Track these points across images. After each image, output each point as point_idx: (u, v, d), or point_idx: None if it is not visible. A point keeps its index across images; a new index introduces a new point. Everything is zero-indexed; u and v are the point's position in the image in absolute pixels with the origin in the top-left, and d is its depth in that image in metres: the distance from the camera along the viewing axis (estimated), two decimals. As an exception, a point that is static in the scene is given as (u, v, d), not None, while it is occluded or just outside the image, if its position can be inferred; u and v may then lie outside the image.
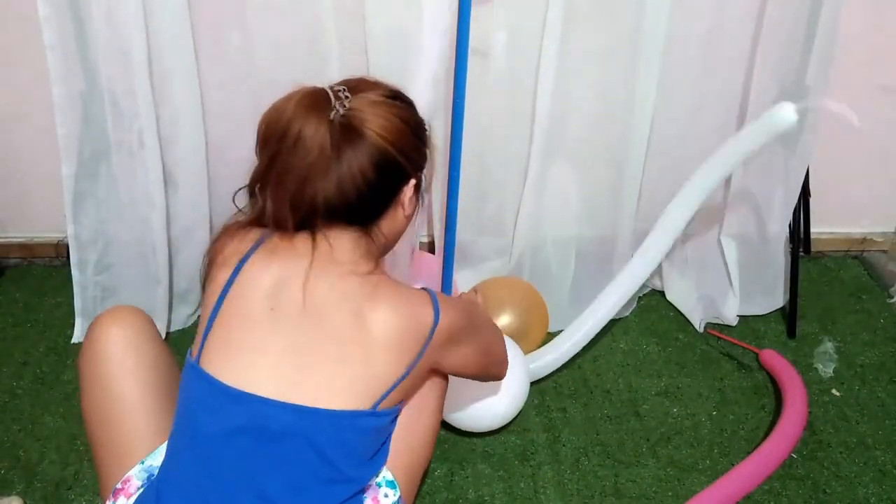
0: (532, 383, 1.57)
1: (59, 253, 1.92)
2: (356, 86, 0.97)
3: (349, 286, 0.95)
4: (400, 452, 1.06)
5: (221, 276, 0.97)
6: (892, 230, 2.06)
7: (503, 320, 1.60)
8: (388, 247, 1.06)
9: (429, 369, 1.03)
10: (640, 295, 1.89)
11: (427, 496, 1.39)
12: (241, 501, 0.91)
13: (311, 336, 0.93)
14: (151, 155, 1.53)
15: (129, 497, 0.98)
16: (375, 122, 0.93)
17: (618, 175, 1.71)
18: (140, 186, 1.58)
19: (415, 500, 1.24)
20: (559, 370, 1.66)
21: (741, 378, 1.67)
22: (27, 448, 1.46)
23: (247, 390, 0.91)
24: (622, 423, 1.55)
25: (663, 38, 1.52)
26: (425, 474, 1.38)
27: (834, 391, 1.64)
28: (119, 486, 0.99)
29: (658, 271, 1.88)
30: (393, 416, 1.00)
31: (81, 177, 1.57)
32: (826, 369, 1.70)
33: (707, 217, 1.82)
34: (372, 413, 0.95)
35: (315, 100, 0.93)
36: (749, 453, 1.45)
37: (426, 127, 1.04)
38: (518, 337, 1.56)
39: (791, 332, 1.78)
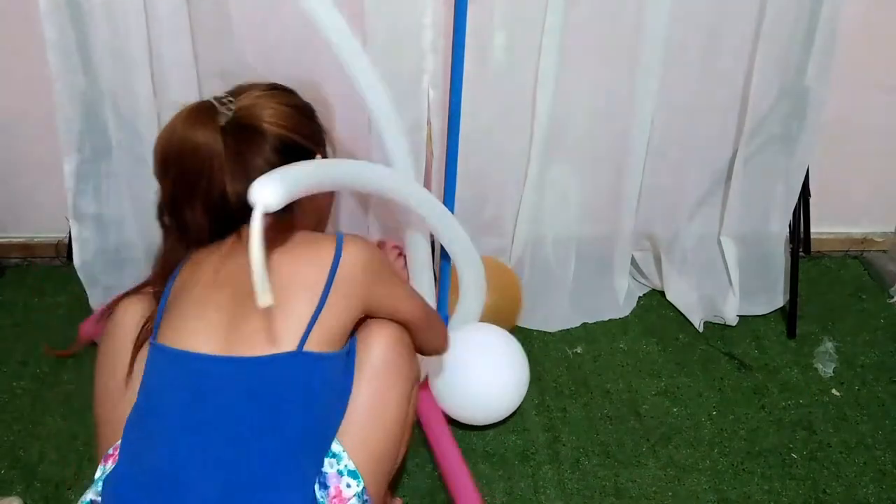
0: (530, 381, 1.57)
1: (59, 253, 1.92)
2: (237, 90, 1.05)
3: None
4: (362, 442, 1.05)
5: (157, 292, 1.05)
6: (892, 230, 2.06)
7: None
8: (319, 219, 1.12)
9: (353, 309, 1.04)
10: (640, 295, 1.89)
11: (427, 496, 1.39)
12: (188, 457, 0.94)
13: (233, 299, 0.98)
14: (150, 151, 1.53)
15: (115, 462, 1.01)
16: (266, 114, 1.00)
17: (618, 175, 1.71)
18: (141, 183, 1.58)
19: (388, 497, 1.23)
20: (559, 369, 1.66)
21: (741, 378, 1.67)
22: (27, 448, 1.46)
23: (184, 349, 0.97)
24: (622, 423, 1.55)
25: (663, 38, 1.52)
26: (401, 471, 1.38)
27: (834, 391, 1.64)
28: (110, 451, 1.02)
29: (658, 271, 1.89)
30: (325, 361, 1.00)
31: (84, 175, 1.57)
32: (826, 369, 1.70)
33: (707, 217, 1.82)
34: (298, 353, 0.97)
35: (199, 112, 0.98)
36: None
37: (312, 107, 1.11)
38: (492, 316, 1.56)
39: (791, 332, 1.78)
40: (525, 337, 1.73)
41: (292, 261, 1.01)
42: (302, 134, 1.04)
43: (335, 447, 1.03)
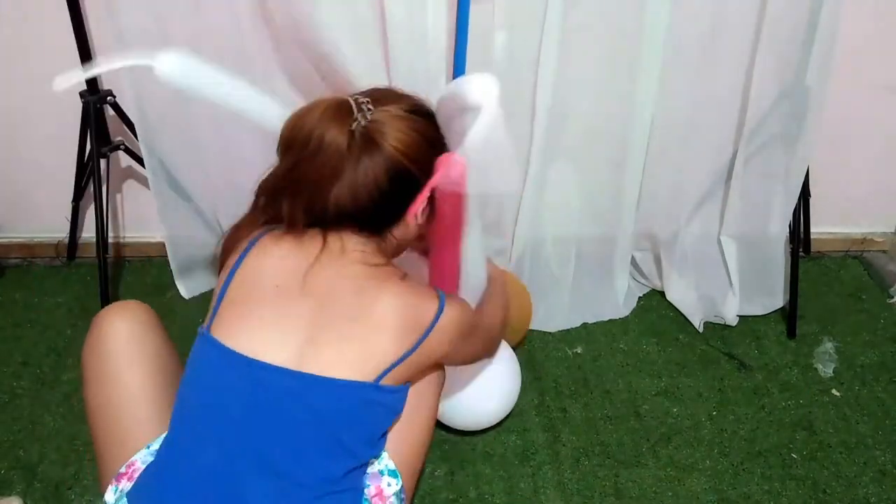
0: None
1: (59, 253, 1.92)
2: (380, 98, 1.01)
3: (356, 271, 1.00)
4: (401, 442, 1.08)
5: (231, 260, 1.02)
6: (892, 230, 2.06)
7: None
8: (400, 249, 1.10)
9: (427, 363, 1.05)
10: (640, 295, 1.89)
11: (427, 496, 1.39)
12: (242, 464, 0.93)
13: (317, 314, 0.97)
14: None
15: (131, 480, 0.99)
16: (393, 136, 0.97)
17: (618, 175, 1.71)
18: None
19: (413, 497, 1.25)
20: (559, 369, 1.66)
21: (741, 378, 1.67)
22: (27, 448, 1.46)
23: (253, 356, 0.94)
24: (622, 423, 1.55)
25: (663, 37, 1.52)
26: (422, 471, 1.39)
27: (834, 391, 1.64)
28: (123, 470, 1.01)
29: (658, 271, 1.89)
30: (394, 394, 1.02)
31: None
32: (826, 369, 1.70)
33: (707, 217, 1.82)
34: (374, 386, 0.97)
35: (338, 110, 0.97)
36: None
37: (444, 140, 1.07)
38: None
39: (791, 332, 1.78)
40: (525, 337, 1.73)
41: (395, 296, 0.99)
42: (418, 164, 1.00)
43: None
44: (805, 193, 1.74)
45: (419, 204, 1.02)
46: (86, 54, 1.57)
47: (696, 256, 1.84)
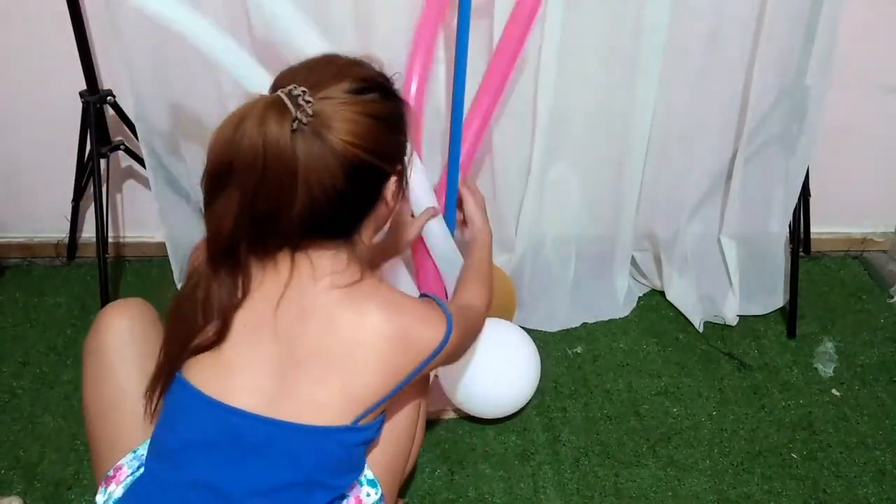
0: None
1: (59, 253, 1.92)
2: (318, 81, 0.87)
3: (328, 300, 0.91)
4: (381, 452, 1.05)
5: None
6: (892, 230, 2.06)
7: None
8: (377, 251, 1.04)
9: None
10: (640, 295, 1.89)
11: (427, 496, 1.39)
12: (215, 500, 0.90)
13: (286, 356, 0.91)
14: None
15: (118, 484, 0.98)
16: (341, 128, 0.85)
17: (618, 175, 1.71)
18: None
19: (399, 495, 1.24)
20: (559, 369, 1.66)
21: (741, 378, 1.67)
22: (27, 448, 1.45)
23: (226, 402, 0.90)
24: (622, 423, 1.55)
25: (664, 38, 1.52)
26: (412, 476, 1.39)
27: (834, 391, 1.64)
28: (111, 473, 0.99)
29: (658, 271, 1.89)
30: (375, 427, 0.98)
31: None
32: (826, 369, 1.70)
33: (707, 217, 1.82)
34: (351, 429, 0.92)
35: (274, 112, 0.83)
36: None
37: (402, 112, 0.94)
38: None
39: (791, 332, 1.78)
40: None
41: (382, 322, 0.90)
42: (379, 154, 0.89)
43: None
44: (805, 193, 1.74)
45: (389, 189, 0.94)
46: (86, 54, 1.57)
47: (696, 256, 1.84)
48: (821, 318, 1.84)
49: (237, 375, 0.91)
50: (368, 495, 1.01)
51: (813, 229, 1.93)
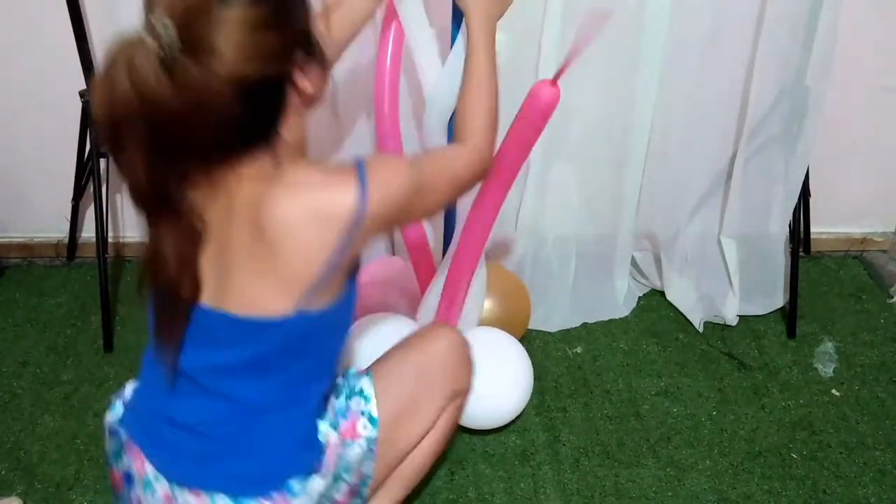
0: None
1: (59, 253, 1.92)
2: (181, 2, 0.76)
3: (249, 200, 0.86)
4: (393, 420, 1.07)
5: None
6: (892, 230, 2.06)
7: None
8: (299, 140, 0.95)
9: (367, 244, 0.93)
10: (640, 295, 1.89)
11: (427, 496, 1.39)
12: (179, 386, 0.94)
13: (218, 256, 0.89)
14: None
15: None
16: (219, 48, 0.76)
17: (618, 175, 1.71)
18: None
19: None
20: (559, 369, 1.66)
21: (741, 378, 1.67)
22: (27, 448, 1.45)
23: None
24: (622, 423, 1.55)
25: (664, 38, 1.52)
26: (426, 481, 1.38)
27: (834, 391, 1.64)
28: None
29: (658, 271, 1.89)
30: (322, 317, 0.92)
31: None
32: (826, 369, 1.70)
33: (707, 217, 1.82)
34: (294, 318, 0.89)
35: (136, 52, 0.76)
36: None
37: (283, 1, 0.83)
38: (501, 324, 1.56)
39: (791, 332, 1.78)
40: (525, 337, 1.73)
41: (292, 203, 0.84)
42: (267, 60, 0.80)
43: (367, 389, 1.05)
44: (805, 193, 1.74)
45: (299, 81, 0.86)
46: (86, 54, 1.57)
47: (696, 256, 1.84)
48: (821, 319, 1.84)
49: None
50: (365, 427, 1.04)
51: (813, 229, 1.93)
